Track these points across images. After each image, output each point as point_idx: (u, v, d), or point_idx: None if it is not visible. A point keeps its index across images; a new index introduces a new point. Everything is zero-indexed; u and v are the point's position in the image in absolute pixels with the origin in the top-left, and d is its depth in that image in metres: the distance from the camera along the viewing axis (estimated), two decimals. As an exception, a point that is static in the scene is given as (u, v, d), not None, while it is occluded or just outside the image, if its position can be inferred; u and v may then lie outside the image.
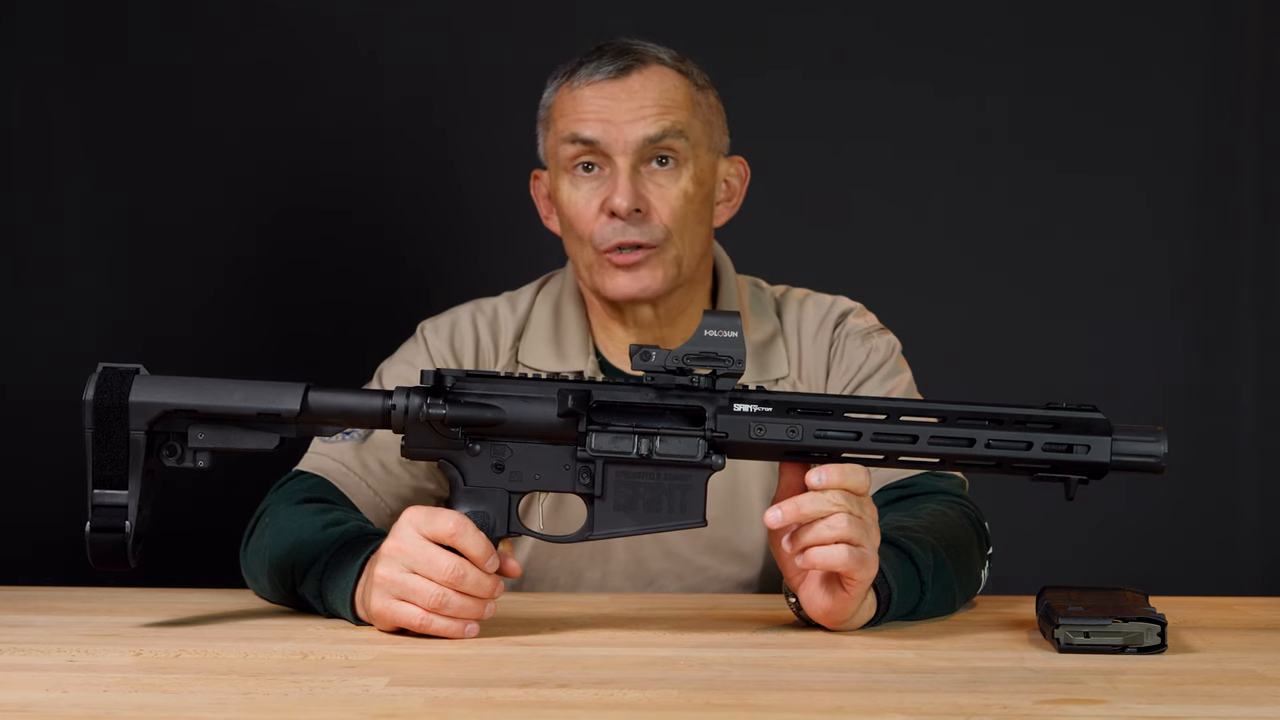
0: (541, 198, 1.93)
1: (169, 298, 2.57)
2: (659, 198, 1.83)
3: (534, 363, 1.89)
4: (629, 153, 1.82)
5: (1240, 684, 1.35)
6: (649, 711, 1.22)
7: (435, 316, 1.94)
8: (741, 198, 1.94)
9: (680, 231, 1.83)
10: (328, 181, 2.60)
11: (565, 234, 1.88)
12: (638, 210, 1.81)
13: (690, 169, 1.84)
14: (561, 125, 1.85)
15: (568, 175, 1.84)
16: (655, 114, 1.83)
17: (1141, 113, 2.65)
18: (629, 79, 1.84)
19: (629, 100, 1.83)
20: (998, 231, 2.66)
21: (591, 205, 1.83)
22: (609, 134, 1.82)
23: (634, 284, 1.83)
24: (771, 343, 1.91)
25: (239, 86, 2.58)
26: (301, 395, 1.54)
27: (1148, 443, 1.52)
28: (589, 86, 1.84)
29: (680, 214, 1.83)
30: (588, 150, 1.83)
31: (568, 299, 1.92)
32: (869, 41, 2.65)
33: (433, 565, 1.51)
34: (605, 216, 1.82)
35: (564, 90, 1.86)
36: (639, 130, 1.82)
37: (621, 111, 1.82)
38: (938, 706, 1.24)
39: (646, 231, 1.82)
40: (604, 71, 1.84)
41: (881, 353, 1.91)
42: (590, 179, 1.84)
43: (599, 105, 1.83)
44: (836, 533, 1.49)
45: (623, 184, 1.81)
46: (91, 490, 1.53)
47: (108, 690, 1.29)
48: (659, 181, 1.83)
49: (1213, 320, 2.67)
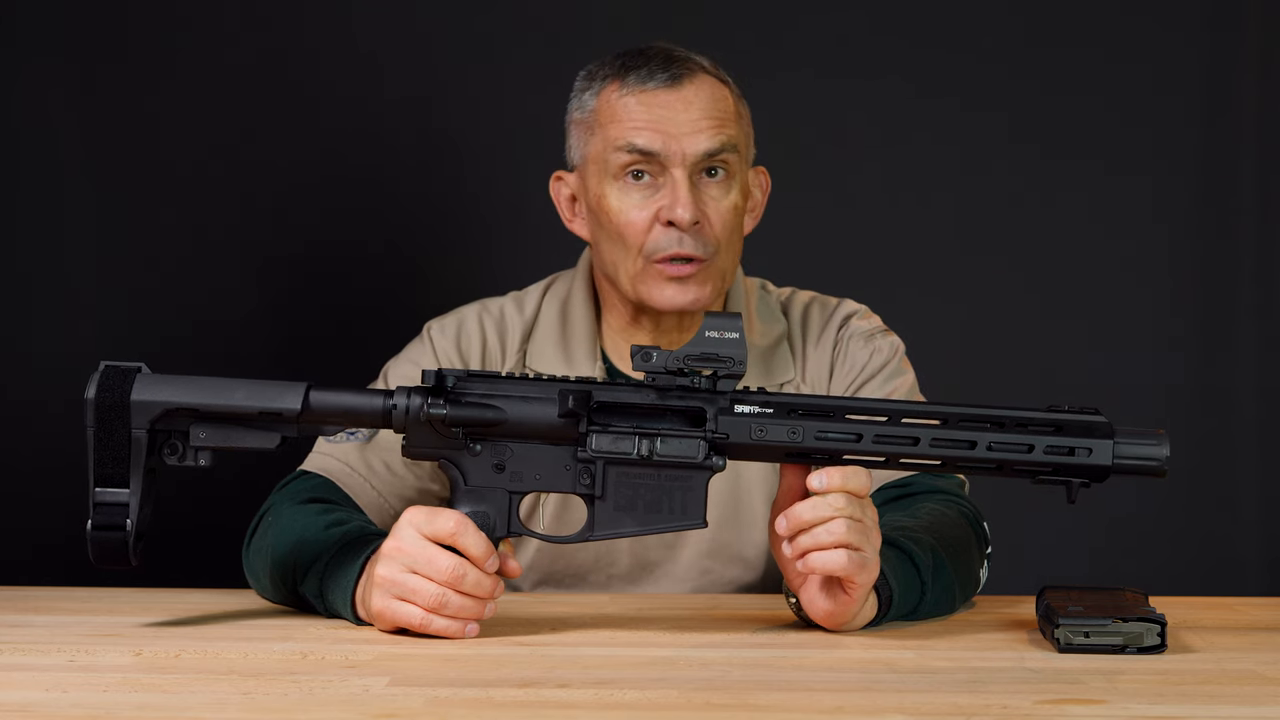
0: (564, 200, 1.92)
1: (169, 297, 2.57)
2: (714, 210, 1.83)
3: (542, 366, 1.89)
4: (687, 165, 1.81)
5: (1240, 684, 1.35)
6: (649, 711, 1.23)
7: (442, 316, 1.94)
8: (763, 208, 1.95)
9: (728, 244, 1.84)
10: (329, 181, 2.60)
11: (607, 241, 1.85)
12: (696, 223, 1.81)
13: (738, 181, 1.85)
14: (614, 132, 1.83)
15: (617, 182, 1.83)
16: (711, 127, 1.82)
17: (1142, 113, 2.65)
18: (682, 89, 1.83)
19: (685, 111, 1.82)
20: (997, 231, 2.66)
21: (644, 214, 1.82)
22: (668, 146, 1.81)
23: (683, 296, 1.82)
24: (777, 346, 1.91)
25: (239, 86, 2.58)
26: (303, 394, 1.54)
27: (1150, 446, 1.52)
28: (642, 94, 1.83)
29: (730, 226, 1.84)
30: (643, 160, 1.82)
31: (577, 301, 1.92)
32: (874, 42, 2.65)
33: (433, 565, 1.51)
34: (661, 226, 1.81)
35: (611, 95, 1.85)
36: (699, 144, 1.81)
37: (680, 123, 1.82)
38: (938, 706, 1.24)
39: (701, 245, 1.81)
40: (657, 80, 1.83)
41: (884, 354, 1.91)
42: (642, 187, 1.83)
43: (655, 115, 1.82)
44: (836, 538, 1.49)
45: (684, 196, 1.80)
46: (93, 488, 1.53)
47: (108, 690, 1.29)
48: (712, 194, 1.83)
49: (1213, 320, 2.66)
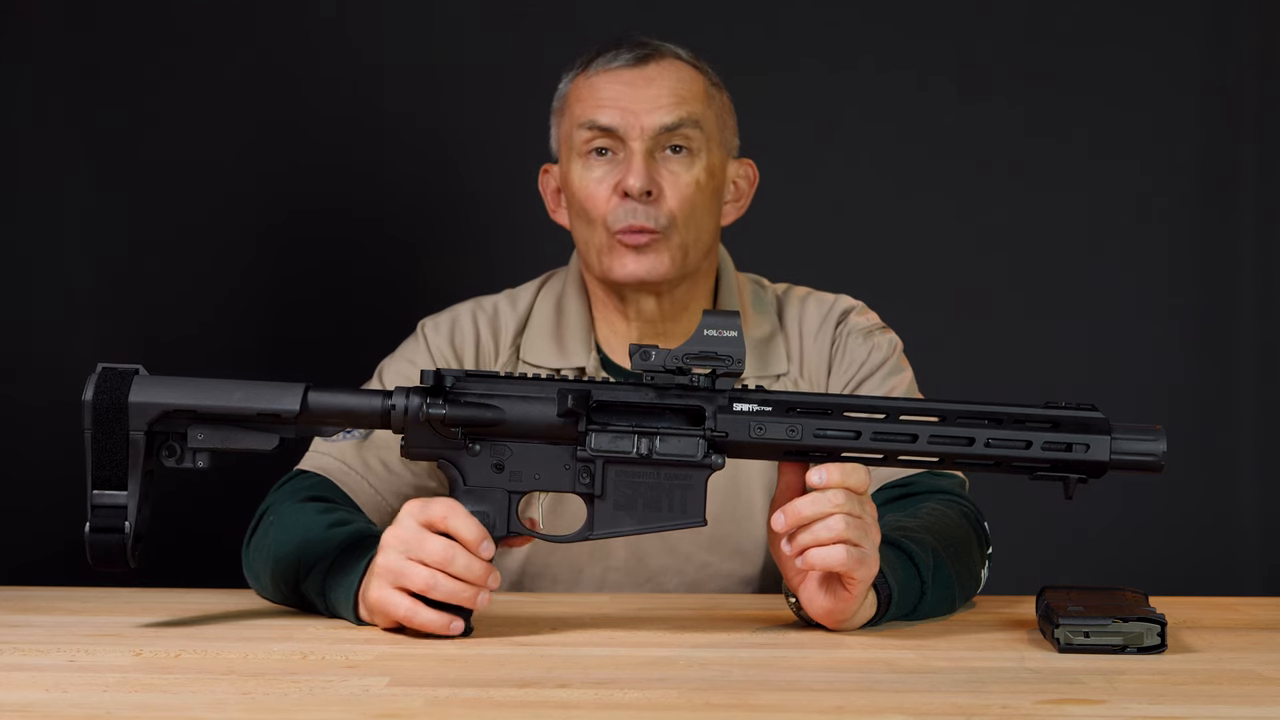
0: (550, 191, 1.95)
1: (169, 298, 2.57)
2: (670, 184, 1.84)
3: (535, 359, 1.90)
4: (644, 138, 1.83)
5: (1240, 684, 1.35)
6: (649, 711, 1.22)
7: (436, 314, 1.95)
8: (749, 200, 1.95)
9: (687, 219, 1.84)
10: (327, 181, 2.60)
11: (575, 220, 1.88)
12: (649, 193, 1.83)
13: (703, 160, 1.86)
14: (578, 111, 1.86)
15: (581, 159, 1.86)
16: (672, 103, 1.85)
17: (1142, 113, 2.65)
18: (646, 68, 1.86)
19: (646, 88, 1.85)
20: (997, 231, 2.66)
21: (604, 187, 1.84)
22: (626, 120, 1.84)
23: (639, 266, 1.84)
24: (772, 339, 1.91)
25: (239, 86, 2.58)
26: (301, 395, 1.54)
27: (1147, 441, 1.52)
28: (606, 74, 1.86)
29: (690, 201, 1.84)
30: (603, 135, 1.84)
31: (571, 294, 1.93)
32: (871, 40, 2.65)
33: (424, 548, 1.51)
34: (618, 198, 1.83)
35: (580, 79, 1.88)
36: (656, 118, 1.84)
37: (639, 99, 1.84)
38: (938, 706, 1.24)
39: (654, 216, 1.83)
40: (622, 60, 1.86)
41: (883, 351, 1.91)
42: (604, 163, 1.85)
43: (616, 92, 1.85)
44: (834, 533, 1.49)
45: (637, 165, 1.83)
46: (91, 491, 1.53)
47: (108, 690, 1.29)
48: (672, 168, 1.85)
49: (1212, 320, 2.66)
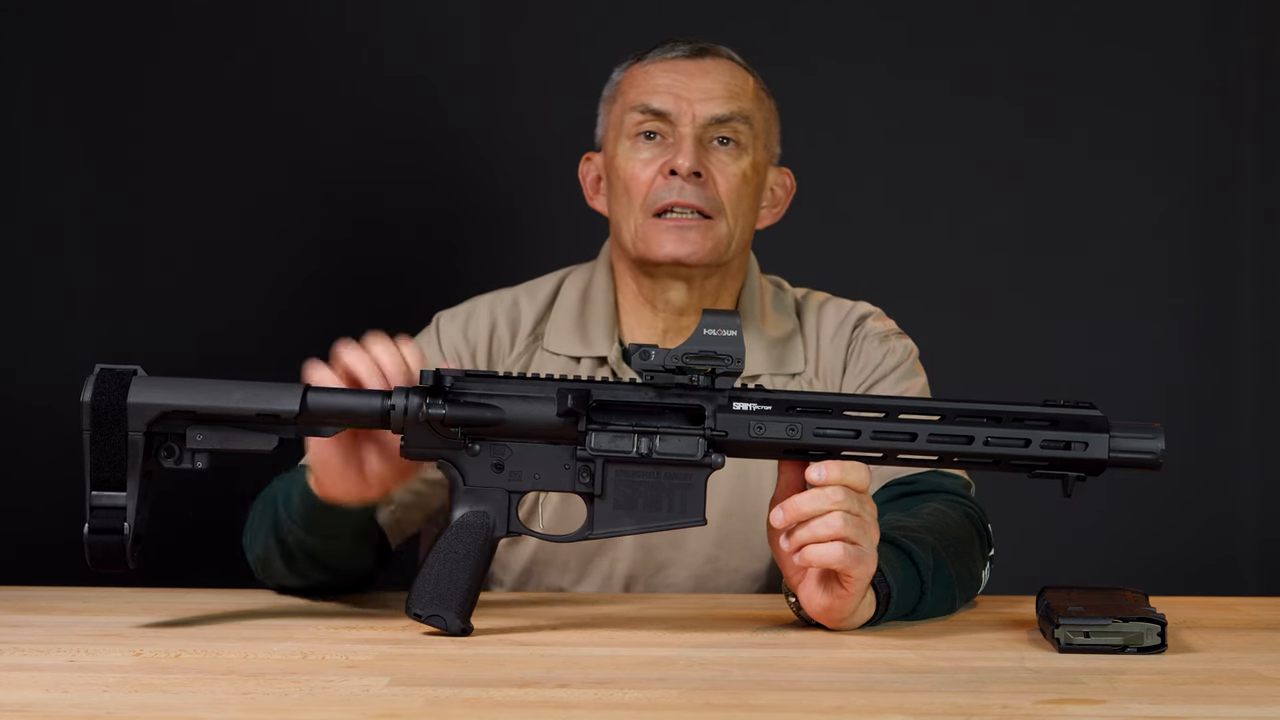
0: (590, 179, 1.97)
1: (168, 298, 2.57)
2: (719, 171, 1.87)
3: (557, 347, 1.91)
4: (695, 125, 1.86)
5: (1240, 684, 1.35)
6: (649, 711, 1.22)
7: (454, 307, 1.96)
8: (785, 208, 1.99)
9: (734, 208, 1.87)
10: (330, 179, 2.60)
11: (616, 202, 1.90)
12: (698, 175, 1.84)
13: (750, 156, 1.88)
14: (631, 96, 1.89)
15: (630, 141, 1.88)
16: (725, 96, 1.88)
17: (1141, 113, 2.65)
18: (703, 61, 1.90)
19: (702, 79, 1.88)
20: (997, 231, 2.66)
21: (650, 169, 1.87)
22: (679, 106, 1.87)
23: (682, 246, 1.85)
24: (790, 339, 1.93)
25: (239, 86, 2.58)
26: (300, 396, 1.54)
27: (1145, 439, 1.52)
28: (662, 62, 1.90)
29: (736, 191, 1.87)
30: (655, 118, 1.87)
31: (599, 284, 1.94)
32: (867, 40, 2.65)
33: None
34: (663, 178, 1.86)
35: (635, 68, 1.92)
36: (709, 108, 1.87)
37: (693, 89, 1.87)
38: (938, 706, 1.24)
39: (703, 197, 1.85)
40: (679, 51, 1.90)
41: (898, 355, 1.92)
42: (652, 146, 1.88)
43: (671, 80, 1.88)
44: (832, 530, 1.49)
45: (687, 147, 1.85)
46: (90, 492, 1.53)
47: (108, 690, 1.29)
48: (720, 158, 1.87)
49: (1213, 320, 2.66)
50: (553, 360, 1.90)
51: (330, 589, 1.74)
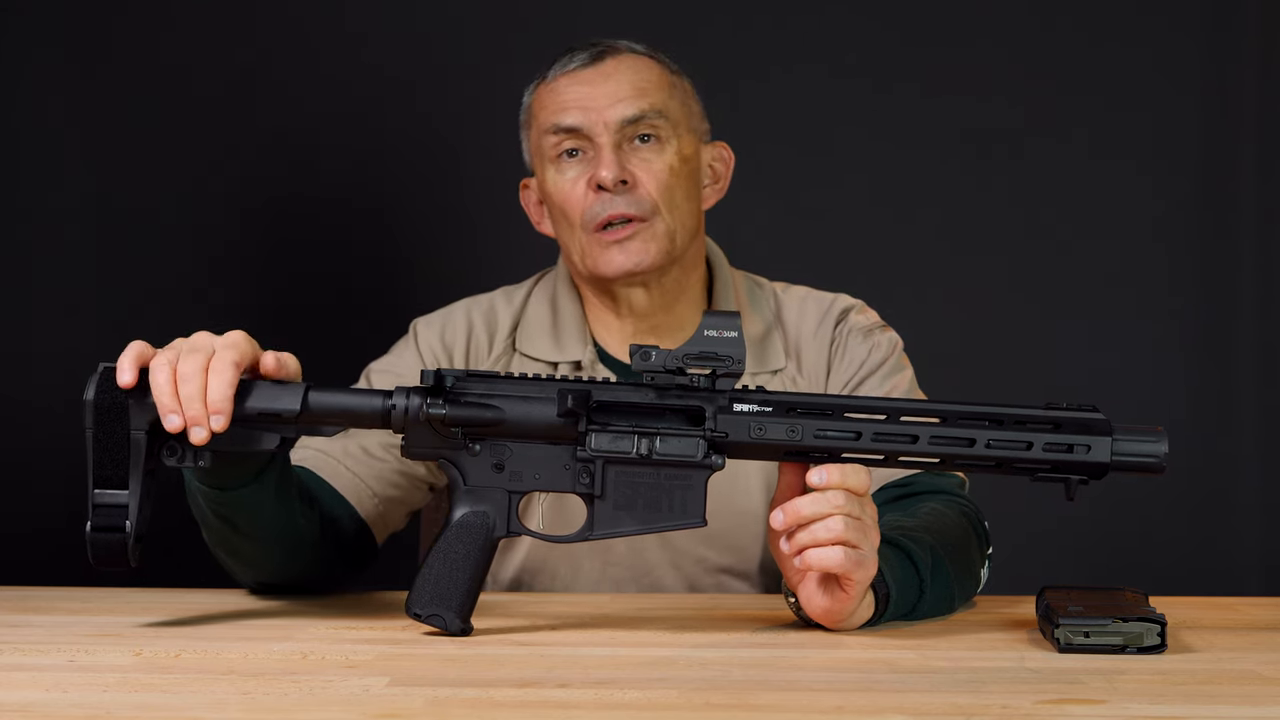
0: (532, 204, 1.95)
1: (169, 298, 2.57)
2: (644, 171, 1.85)
3: (531, 351, 1.90)
4: (610, 133, 1.84)
5: (1240, 684, 1.35)
6: (649, 711, 1.22)
7: (430, 314, 1.95)
8: (728, 182, 1.96)
9: (669, 204, 1.85)
10: (329, 182, 2.60)
11: (557, 225, 1.89)
12: (624, 182, 1.83)
13: (673, 146, 1.87)
14: (542, 118, 1.88)
15: (553, 164, 1.87)
16: (632, 95, 1.86)
17: (1141, 113, 2.65)
18: (603, 65, 1.87)
19: (605, 84, 1.86)
20: (997, 231, 2.66)
21: (579, 186, 1.85)
22: (589, 118, 1.85)
23: (628, 259, 1.84)
24: (768, 336, 1.92)
25: (239, 86, 2.58)
26: (301, 395, 1.54)
27: (1148, 443, 1.52)
28: (564, 77, 1.87)
29: (667, 186, 1.85)
30: (570, 137, 1.85)
31: (563, 292, 1.93)
32: (868, 40, 2.65)
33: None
34: (592, 193, 1.84)
35: (540, 89, 1.90)
36: (617, 111, 1.85)
37: (599, 96, 1.85)
38: (938, 706, 1.24)
39: (634, 203, 1.84)
40: (577, 61, 1.88)
41: (883, 350, 1.91)
42: (575, 163, 1.86)
43: (576, 93, 1.86)
44: (834, 535, 1.49)
45: (607, 157, 1.83)
46: (92, 490, 1.53)
47: (108, 690, 1.29)
48: (643, 156, 1.86)
49: (1213, 321, 2.67)
50: (530, 365, 1.89)
51: (287, 566, 1.69)
